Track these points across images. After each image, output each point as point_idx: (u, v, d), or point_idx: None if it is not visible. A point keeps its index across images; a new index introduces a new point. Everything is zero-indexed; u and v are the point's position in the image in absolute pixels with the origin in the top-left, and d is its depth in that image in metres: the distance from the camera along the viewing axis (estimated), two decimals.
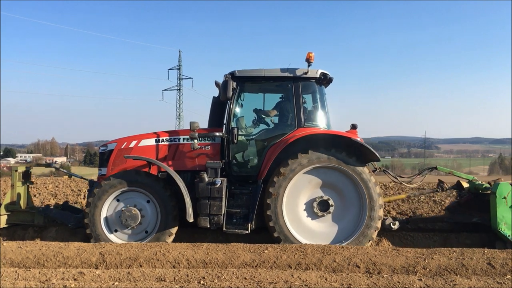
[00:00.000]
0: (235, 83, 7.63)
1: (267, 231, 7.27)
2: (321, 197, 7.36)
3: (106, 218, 7.31)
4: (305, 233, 7.31)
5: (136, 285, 4.87)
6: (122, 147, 7.92)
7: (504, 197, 7.25)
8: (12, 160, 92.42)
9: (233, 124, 7.69)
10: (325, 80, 7.88)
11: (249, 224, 7.19)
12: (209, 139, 7.81)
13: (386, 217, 8.26)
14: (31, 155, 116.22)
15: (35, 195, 14.89)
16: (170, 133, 8.00)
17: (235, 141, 7.52)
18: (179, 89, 75.19)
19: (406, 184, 8.69)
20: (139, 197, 7.37)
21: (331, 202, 7.34)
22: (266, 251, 6.19)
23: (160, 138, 7.92)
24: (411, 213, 10.95)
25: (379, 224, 7.31)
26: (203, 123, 8.08)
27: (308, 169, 7.30)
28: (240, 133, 7.79)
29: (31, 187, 9.23)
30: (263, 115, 8.21)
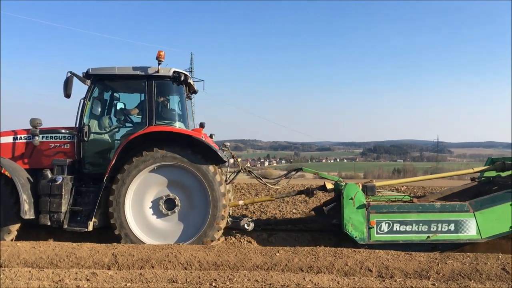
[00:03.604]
0: (89, 81, 7.65)
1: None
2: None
3: None
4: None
5: (148, 286, 4.89)
6: None
7: (351, 198, 7.23)
8: None
9: (86, 121, 7.64)
10: (179, 79, 7.75)
11: (90, 222, 7.10)
12: (69, 137, 7.76)
13: (241, 218, 8.36)
14: None
15: None
16: (28, 131, 7.84)
17: (86, 138, 7.52)
18: None
19: (271, 186, 8.71)
20: None
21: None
22: (277, 254, 6.17)
23: (18, 136, 7.83)
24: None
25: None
26: (211, 126, 8.11)
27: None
28: (102, 131, 7.86)
29: None
30: (127, 115, 8.22)
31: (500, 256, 6.14)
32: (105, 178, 7.26)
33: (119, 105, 8.47)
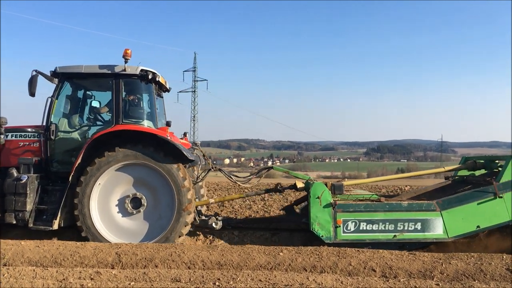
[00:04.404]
0: (57, 80, 7.66)
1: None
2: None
3: None
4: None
5: (152, 285, 4.89)
6: None
7: (318, 197, 7.22)
8: None
9: (54, 120, 7.63)
10: (147, 77, 7.72)
11: (55, 221, 7.11)
12: (37, 136, 7.74)
13: (209, 217, 8.39)
14: None
15: None
16: None
17: (53, 137, 7.52)
18: (194, 91, 75.54)
19: (241, 184, 8.76)
20: None
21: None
22: (281, 254, 6.17)
23: None
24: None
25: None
26: (215, 125, 8.12)
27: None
28: (70, 130, 7.81)
29: None
30: (97, 113, 8.20)
31: (504, 257, 6.11)
32: (70, 177, 7.25)
33: (94, 103, 8.41)
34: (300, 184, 8.28)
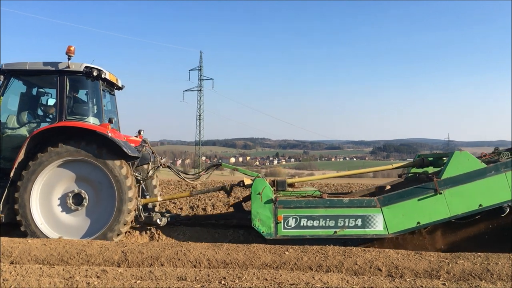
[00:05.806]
0: (2, 77, 7.66)
1: None
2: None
3: None
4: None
5: (158, 283, 4.90)
6: None
7: (259, 193, 7.22)
8: None
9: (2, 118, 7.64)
10: (92, 74, 7.68)
11: None
12: None
13: (155, 213, 8.34)
14: None
15: None
16: None
17: None
18: (200, 90, 75.76)
19: (189, 181, 8.80)
20: None
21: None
22: (287, 253, 6.17)
23: None
24: None
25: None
26: (220, 124, 8.12)
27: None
28: (15, 126, 7.81)
29: None
30: (44, 110, 8.18)
31: (511, 256, 6.07)
32: (12, 173, 7.27)
33: (51, 101, 8.34)
34: (248, 181, 8.22)
